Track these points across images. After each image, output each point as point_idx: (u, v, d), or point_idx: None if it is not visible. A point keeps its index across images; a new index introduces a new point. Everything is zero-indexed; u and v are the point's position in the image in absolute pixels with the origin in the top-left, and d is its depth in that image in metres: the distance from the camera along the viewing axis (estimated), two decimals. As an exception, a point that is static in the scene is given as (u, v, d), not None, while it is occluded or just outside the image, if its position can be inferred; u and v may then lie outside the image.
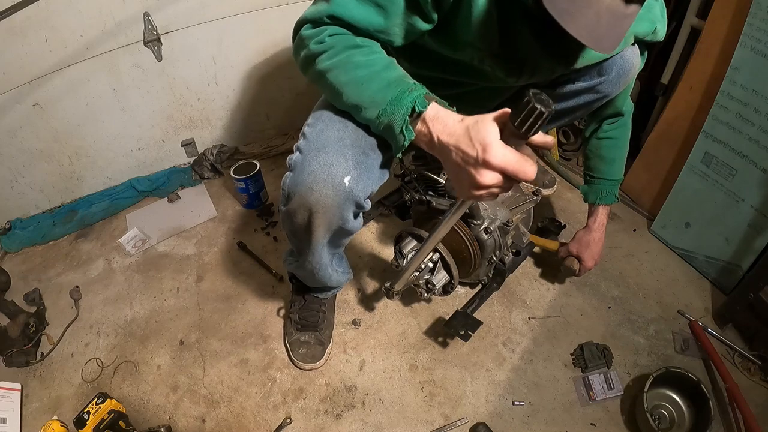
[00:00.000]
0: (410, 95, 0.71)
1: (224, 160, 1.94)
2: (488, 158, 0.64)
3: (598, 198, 1.27)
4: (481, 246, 1.17)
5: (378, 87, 0.74)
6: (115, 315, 1.45)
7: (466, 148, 0.66)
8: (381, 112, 0.73)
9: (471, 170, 0.66)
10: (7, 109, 1.51)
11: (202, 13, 1.61)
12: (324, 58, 0.77)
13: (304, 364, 1.26)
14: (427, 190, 1.22)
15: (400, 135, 0.72)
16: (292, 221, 0.92)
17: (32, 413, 1.24)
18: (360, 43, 0.77)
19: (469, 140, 0.66)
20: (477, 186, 0.67)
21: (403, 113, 0.71)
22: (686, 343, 1.26)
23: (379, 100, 0.73)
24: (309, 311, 1.28)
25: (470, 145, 0.65)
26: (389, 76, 0.74)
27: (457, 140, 0.67)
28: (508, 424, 1.14)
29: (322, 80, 0.79)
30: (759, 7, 1.14)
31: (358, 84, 0.75)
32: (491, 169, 0.64)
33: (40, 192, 1.75)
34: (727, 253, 1.34)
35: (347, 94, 0.77)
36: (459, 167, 0.68)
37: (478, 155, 0.64)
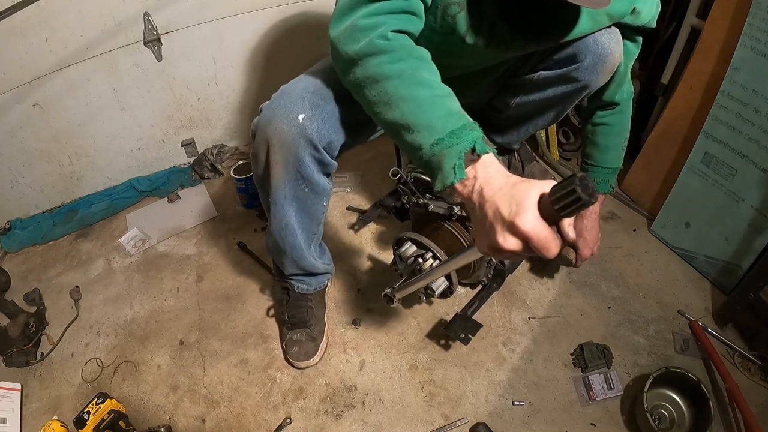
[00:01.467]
0: (471, 133, 0.67)
1: (224, 160, 1.94)
2: (518, 222, 0.59)
3: None
4: None
5: (440, 114, 0.69)
6: (115, 315, 1.45)
7: (500, 203, 0.61)
8: (437, 141, 0.68)
9: (497, 228, 0.62)
10: (7, 109, 1.51)
11: (202, 13, 1.61)
12: (385, 60, 0.72)
13: (298, 363, 1.25)
14: (424, 193, 1.22)
15: (450, 171, 0.66)
16: (256, 162, 0.98)
17: (32, 413, 1.24)
18: (422, 55, 0.74)
19: (507, 197, 0.61)
20: (496, 247, 0.63)
21: (460, 150, 0.66)
22: (686, 343, 1.26)
23: (439, 128, 0.68)
24: (296, 308, 1.28)
25: (505, 203, 0.61)
26: (451, 106, 0.71)
27: (495, 194, 0.63)
28: (508, 424, 1.14)
29: (374, 84, 0.73)
30: (759, 7, 1.14)
31: (419, 103, 0.70)
32: (516, 234, 0.60)
33: (40, 192, 1.75)
34: (727, 253, 1.34)
35: (402, 110, 0.71)
36: (486, 221, 0.64)
37: (509, 215, 0.60)
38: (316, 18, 1.78)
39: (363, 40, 0.74)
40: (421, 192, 1.22)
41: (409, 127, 0.70)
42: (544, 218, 0.59)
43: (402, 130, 0.72)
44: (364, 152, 1.92)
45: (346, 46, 0.76)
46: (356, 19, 0.76)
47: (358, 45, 0.74)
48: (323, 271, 1.26)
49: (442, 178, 0.68)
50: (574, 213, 0.57)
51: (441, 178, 0.68)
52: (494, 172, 0.65)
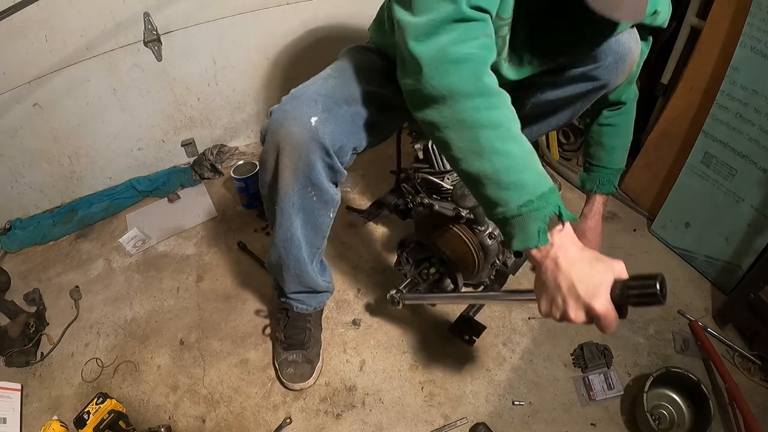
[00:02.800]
0: (556, 197, 0.67)
1: (224, 160, 1.94)
2: (593, 303, 0.63)
3: (596, 186, 1.24)
4: (486, 251, 1.16)
5: (532, 174, 0.67)
6: (115, 315, 1.45)
7: (577, 281, 0.64)
8: (526, 202, 0.66)
9: (571, 302, 0.65)
10: (7, 109, 1.51)
11: (202, 13, 1.61)
12: (482, 106, 0.67)
13: (292, 384, 1.21)
14: (429, 194, 1.21)
15: (534, 235, 0.66)
16: (264, 168, 0.94)
17: (32, 413, 1.24)
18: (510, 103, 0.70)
19: (585, 276, 0.64)
20: (565, 317, 0.66)
21: (546, 214, 0.65)
22: (686, 343, 1.26)
23: (530, 189, 0.66)
24: (294, 329, 1.24)
25: (583, 282, 0.64)
26: (539, 166, 0.69)
27: (571, 267, 0.65)
28: (508, 424, 1.14)
29: (464, 130, 0.68)
30: (759, 7, 1.14)
31: (513, 160, 0.67)
32: (588, 313, 0.64)
33: (40, 192, 1.75)
34: (727, 253, 1.34)
35: (494, 164, 0.67)
36: (559, 292, 0.66)
37: (585, 295, 0.63)
38: (317, 18, 1.78)
39: (456, 75, 0.67)
40: (426, 192, 1.21)
41: (498, 182, 0.67)
42: (613, 301, 0.64)
43: (488, 183, 0.68)
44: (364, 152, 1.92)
45: (436, 78, 0.68)
46: (446, 45, 0.67)
47: (450, 80, 0.67)
48: (324, 289, 1.22)
49: (524, 239, 0.68)
50: (642, 306, 0.63)
51: (522, 239, 0.68)
52: (570, 241, 0.67)
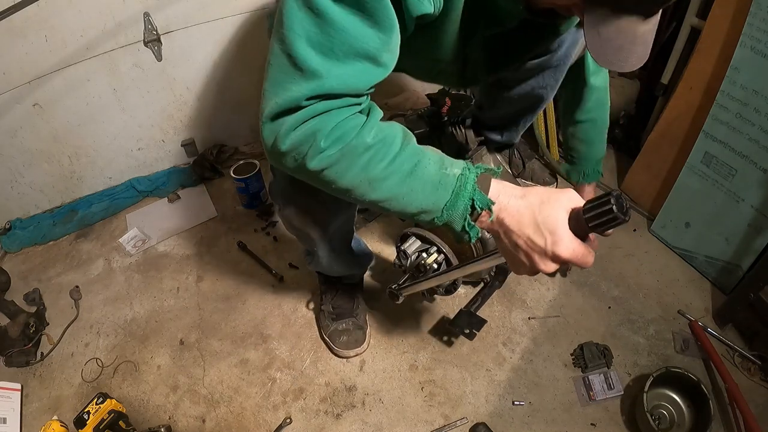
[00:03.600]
0: (464, 193, 0.62)
1: (224, 160, 1.94)
2: (557, 251, 0.60)
3: (581, 177, 1.29)
4: (484, 246, 1.17)
5: (424, 195, 0.63)
6: (115, 315, 1.45)
7: (533, 236, 0.61)
8: (437, 218, 0.64)
9: (535, 258, 0.62)
10: (7, 109, 1.51)
11: (202, 14, 1.61)
12: (334, 175, 0.61)
13: (348, 351, 1.27)
14: None
15: (463, 234, 0.65)
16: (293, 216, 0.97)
17: (32, 413, 1.24)
18: (371, 142, 0.60)
19: (536, 227, 0.60)
20: (536, 271, 0.64)
21: (462, 213, 0.63)
22: (686, 343, 1.26)
23: (432, 209, 0.63)
24: (342, 299, 1.30)
25: (538, 233, 0.60)
26: (428, 175, 0.62)
27: (523, 227, 0.62)
28: (508, 424, 1.14)
29: (346, 195, 0.64)
30: (759, 7, 1.14)
31: (397, 199, 0.63)
32: (558, 261, 0.61)
33: (40, 192, 1.74)
34: (727, 253, 1.34)
35: (390, 209, 0.65)
36: (519, 251, 0.63)
37: (546, 246, 0.60)
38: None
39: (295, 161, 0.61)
40: None
41: (408, 215, 0.66)
42: (576, 234, 0.60)
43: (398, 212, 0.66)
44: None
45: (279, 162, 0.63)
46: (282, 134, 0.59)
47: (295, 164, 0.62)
48: (367, 260, 1.30)
49: (459, 238, 0.66)
50: (608, 229, 0.59)
51: (458, 238, 0.66)
52: (507, 198, 0.63)
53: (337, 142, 0.59)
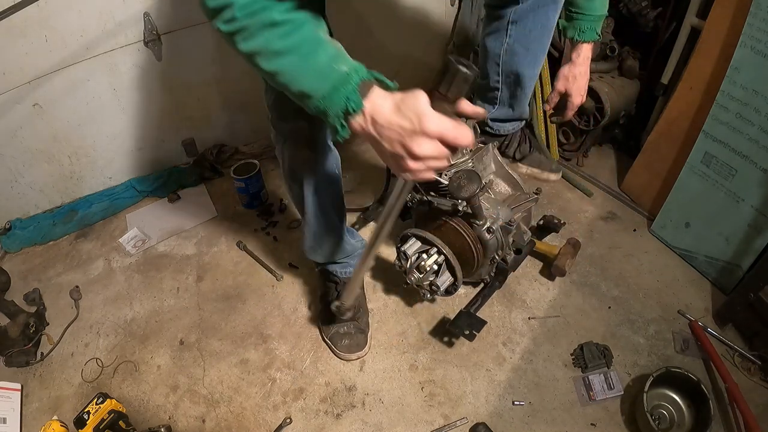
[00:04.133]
0: (342, 91, 0.65)
1: (224, 160, 1.94)
2: (425, 127, 0.63)
3: (577, 34, 1.20)
4: (484, 246, 1.17)
5: (308, 80, 0.66)
6: (115, 315, 1.45)
7: (402, 122, 0.64)
8: (312, 105, 0.68)
9: (407, 142, 0.64)
10: (7, 109, 1.51)
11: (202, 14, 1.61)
12: (239, 40, 0.66)
13: (350, 355, 1.27)
14: (428, 191, 1.22)
15: (334, 130, 0.69)
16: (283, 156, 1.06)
17: (32, 413, 1.24)
18: (278, 19, 0.63)
19: (401, 114, 0.64)
20: (416, 157, 0.65)
21: (336, 110, 0.66)
22: (686, 343, 1.26)
23: (311, 95, 0.67)
24: None
25: (406, 119, 0.63)
26: (318, 63, 0.66)
27: (388, 119, 0.65)
28: (508, 424, 1.14)
29: (251, 62, 0.69)
30: (759, 7, 1.14)
31: (285, 75, 0.67)
32: (429, 137, 0.64)
33: (40, 192, 1.74)
34: (727, 253, 1.34)
35: (277, 82, 0.68)
36: (394, 143, 0.66)
37: (415, 126, 0.63)
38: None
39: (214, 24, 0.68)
40: (424, 189, 1.22)
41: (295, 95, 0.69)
42: (444, 113, 0.64)
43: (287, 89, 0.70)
44: (363, 152, 1.92)
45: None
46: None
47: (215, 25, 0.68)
48: (360, 248, 1.29)
49: (332, 133, 0.70)
50: (464, 90, 0.64)
51: (331, 132, 0.70)
52: (376, 98, 0.66)
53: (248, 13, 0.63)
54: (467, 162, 1.22)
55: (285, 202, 1.78)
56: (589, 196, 1.72)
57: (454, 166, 1.23)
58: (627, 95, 1.67)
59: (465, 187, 1.05)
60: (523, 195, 1.30)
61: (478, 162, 1.28)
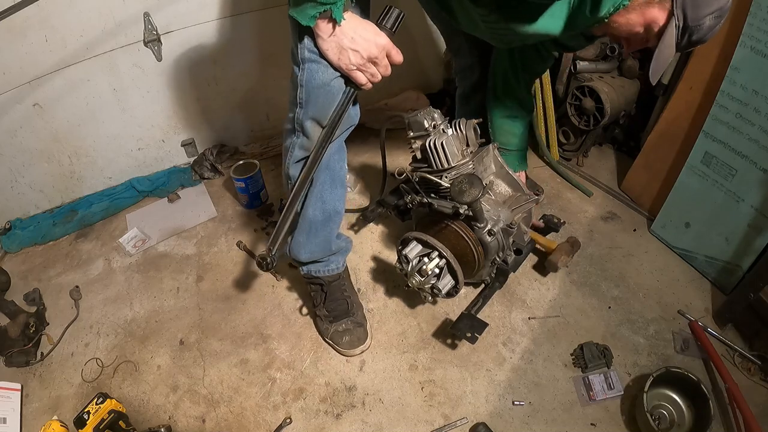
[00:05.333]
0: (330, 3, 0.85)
1: (224, 160, 1.94)
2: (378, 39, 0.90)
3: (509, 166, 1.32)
4: (485, 248, 1.17)
5: None
6: (115, 315, 1.45)
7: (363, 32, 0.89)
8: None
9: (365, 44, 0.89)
10: (7, 109, 1.51)
11: (202, 14, 1.61)
12: None
13: (354, 350, 1.28)
14: (428, 193, 1.22)
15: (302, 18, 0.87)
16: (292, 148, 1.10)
17: (32, 413, 1.24)
18: None
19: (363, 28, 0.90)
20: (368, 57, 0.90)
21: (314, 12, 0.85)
22: (686, 343, 1.26)
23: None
24: (335, 301, 1.30)
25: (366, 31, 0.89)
26: None
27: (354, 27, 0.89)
28: (508, 424, 1.14)
29: None
30: (759, 7, 1.14)
31: None
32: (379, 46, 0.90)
33: (40, 192, 1.75)
34: (727, 253, 1.34)
35: None
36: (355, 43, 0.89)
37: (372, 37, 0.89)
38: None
39: None
40: (425, 191, 1.22)
41: None
42: None
43: None
44: (363, 152, 1.92)
45: None
46: None
47: None
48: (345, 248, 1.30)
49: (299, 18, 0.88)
50: (396, 24, 0.93)
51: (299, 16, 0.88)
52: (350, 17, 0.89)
53: None
54: (468, 164, 1.22)
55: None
56: (589, 196, 1.72)
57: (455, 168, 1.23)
58: (627, 95, 1.67)
59: (467, 191, 1.05)
60: (524, 196, 1.30)
61: (479, 163, 1.28)
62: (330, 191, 1.16)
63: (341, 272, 1.31)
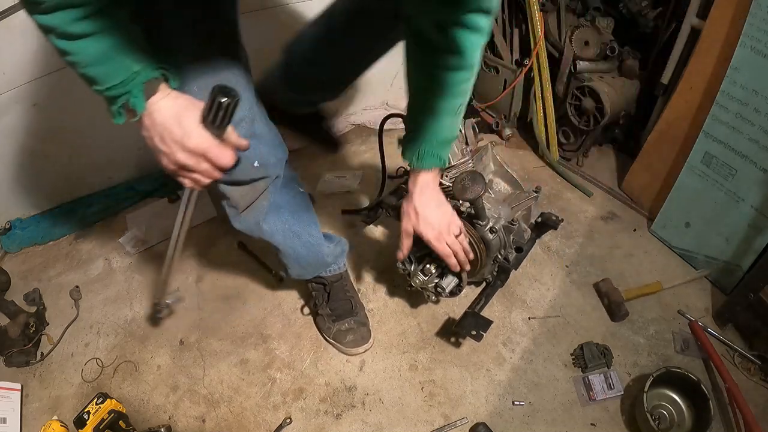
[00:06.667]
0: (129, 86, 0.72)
1: (224, 160, 1.94)
2: (185, 143, 0.70)
3: (415, 159, 0.98)
4: (487, 246, 1.17)
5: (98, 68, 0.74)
6: (115, 315, 1.45)
7: (173, 129, 0.71)
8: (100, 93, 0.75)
9: (175, 148, 0.72)
10: (7, 109, 1.51)
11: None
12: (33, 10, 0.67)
13: (357, 349, 1.28)
14: None
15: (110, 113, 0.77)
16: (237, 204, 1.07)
17: (32, 413, 1.24)
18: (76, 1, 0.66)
19: (177, 123, 0.71)
20: (178, 164, 0.73)
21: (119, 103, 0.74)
22: (686, 343, 1.26)
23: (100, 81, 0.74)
24: (338, 301, 1.30)
25: (178, 127, 0.71)
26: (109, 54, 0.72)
27: (164, 122, 0.72)
28: (508, 424, 1.14)
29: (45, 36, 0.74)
30: (759, 7, 1.14)
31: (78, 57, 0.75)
32: (190, 152, 0.71)
33: (40, 192, 1.74)
34: (727, 253, 1.34)
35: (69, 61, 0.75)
36: (162, 143, 0.73)
37: (180, 139, 0.71)
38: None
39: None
40: None
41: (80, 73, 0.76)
42: (213, 134, 0.72)
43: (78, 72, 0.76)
44: (363, 152, 1.92)
45: None
46: None
47: None
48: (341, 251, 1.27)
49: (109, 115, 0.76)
50: (228, 119, 0.71)
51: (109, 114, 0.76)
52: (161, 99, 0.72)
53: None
54: (468, 162, 1.22)
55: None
56: (589, 196, 1.72)
57: (455, 167, 1.23)
58: (627, 95, 1.68)
59: (470, 188, 1.05)
60: (523, 193, 1.30)
61: (478, 161, 1.28)
62: (298, 223, 1.13)
63: (343, 272, 1.31)
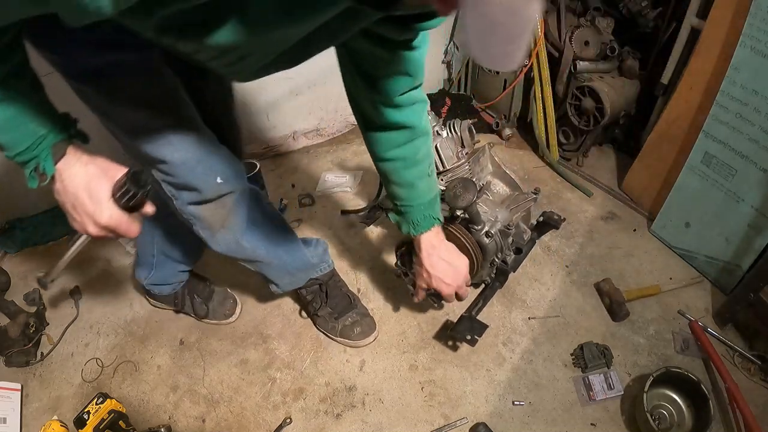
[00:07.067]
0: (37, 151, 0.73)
1: (224, 160, 1.94)
2: (97, 217, 0.72)
3: (412, 228, 1.05)
4: (483, 250, 1.17)
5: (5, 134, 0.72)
6: (115, 315, 1.45)
7: (83, 198, 0.73)
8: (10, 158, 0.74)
9: (84, 218, 0.74)
10: (7, 109, 1.50)
11: None
12: None
13: (365, 340, 1.30)
14: None
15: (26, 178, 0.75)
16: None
17: (32, 413, 1.24)
18: None
19: (87, 192, 0.73)
20: (86, 231, 0.75)
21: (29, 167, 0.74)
22: (686, 343, 1.26)
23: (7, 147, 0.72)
24: (335, 298, 1.31)
25: (88, 198, 0.72)
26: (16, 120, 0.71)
27: (74, 191, 0.74)
28: (508, 424, 1.14)
29: None
30: (759, 7, 1.14)
31: None
32: (99, 226, 0.73)
33: (40, 192, 1.73)
34: (727, 253, 1.34)
35: None
36: (74, 210, 0.75)
37: (91, 211, 0.73)
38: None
39: None
40: None
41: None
42: (123, 207, 0.73)
43: None
44: (363, 152, 1.91)
45: None
46: None
47: None
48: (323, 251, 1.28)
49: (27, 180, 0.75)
50: (139, 205, 0.73)
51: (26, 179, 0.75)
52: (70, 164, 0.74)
53: None
54: (463, 166, 1.22)
55: (285, 201, 1.78)
56: (589, 196, 1.72)
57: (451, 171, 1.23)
58: (627, 95, 1.68)
59: (461, 196, 1.04)
60: (522, 195, 1.30)
61: (475, 164, 1.28)
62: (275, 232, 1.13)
63: (333, 269, 1.32)
